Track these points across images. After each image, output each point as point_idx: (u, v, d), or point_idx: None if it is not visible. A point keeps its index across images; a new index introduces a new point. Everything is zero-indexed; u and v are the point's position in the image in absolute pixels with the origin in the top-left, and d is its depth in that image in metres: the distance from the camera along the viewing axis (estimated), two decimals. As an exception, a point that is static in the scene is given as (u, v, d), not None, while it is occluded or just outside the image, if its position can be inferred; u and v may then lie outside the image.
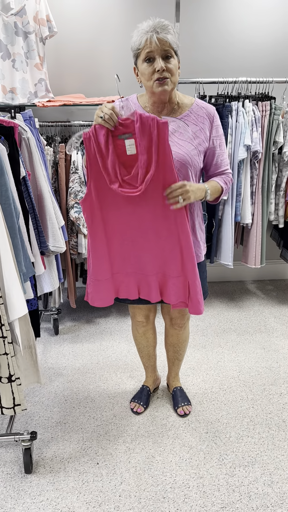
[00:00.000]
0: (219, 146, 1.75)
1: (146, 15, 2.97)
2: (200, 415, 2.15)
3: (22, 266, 1.67)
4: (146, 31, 1.54)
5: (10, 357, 1.55)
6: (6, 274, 1.50)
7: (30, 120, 2.34)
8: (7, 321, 1.53)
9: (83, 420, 2.12)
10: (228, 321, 3.04)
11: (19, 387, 1.59)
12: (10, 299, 1.51)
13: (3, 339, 1.53)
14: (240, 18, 3.08)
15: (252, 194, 2.88)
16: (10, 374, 1.56)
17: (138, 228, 1.66)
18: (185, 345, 2.15)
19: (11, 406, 1.60)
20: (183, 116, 1.69)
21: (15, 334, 1.59)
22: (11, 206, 1.58)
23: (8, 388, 1.58)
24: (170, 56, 1.56)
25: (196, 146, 1.68)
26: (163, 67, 1.55)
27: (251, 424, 2.08)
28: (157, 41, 1.53)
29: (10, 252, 1.51)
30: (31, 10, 2.68)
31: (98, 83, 3.10)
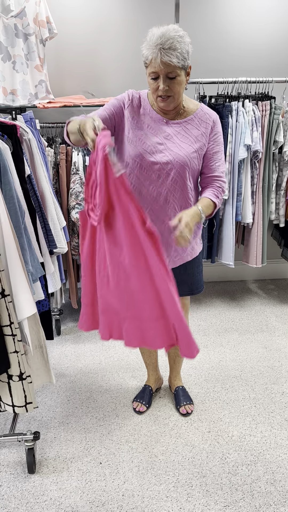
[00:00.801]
0: (217, 152, 1.76)
1: (146, 16, 2.99)
2: (203, 414, 2.15)
3: (29, 266, 1.67)
4: (154, 45, 1.51)
5: (20, 355, 1.55)
6: (13, 273, 1.50)
7: (31, 122, 2.35)
8: (16, 320, 1.53)
9: (85, 420, 2.13)
10: (229, 320, 3.04)
11: (30, 385, 1.60)
12: (17, 299, 1.52)
13: (12, 337, 1.53)
14: (240, 18, 3.09)
15: (253, 193, 2.89)
16: (21, 372, 1.56)
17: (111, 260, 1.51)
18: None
19: (23, 404, 1.60)
20: (187, 120, 1.73)
21: (24, 334, 1.59)
22: (15, 205, 1.58)
23: (19, 386, 1.58)
24: (174, 76, 1.56)
25: (196, 150, 1.71)
26: (165, 88, 1.57)
27: (254, 423, 2.08)
28: (160, 64, 1.52)
29: (17, 252, 1.51)
30: (31, 12, 2.69)
31: (98, 84, 3.11)
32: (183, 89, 1.64)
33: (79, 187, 2.65)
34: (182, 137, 1.70)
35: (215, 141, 1.76)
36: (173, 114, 1.72)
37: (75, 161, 2.66)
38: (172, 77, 1.56)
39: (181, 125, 1.72)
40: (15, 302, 1.50)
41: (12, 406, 1.60)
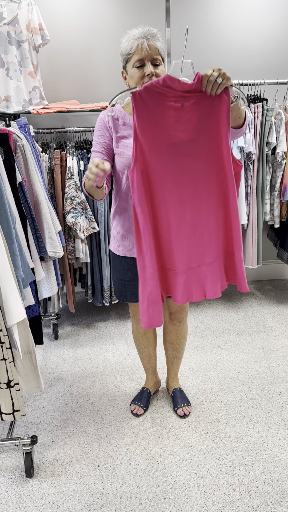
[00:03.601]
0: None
1: (138, 22, 3.02)
2: (200, 415, 2.16)
3: (20, 271, 1.68)
4: (137, 37, 1.60)
5: (9, 363, 1.56)
6: (2, 279, 1.52)
7: (25, 128, 2.36)
8: (5, 327, 1.55)
9: (83, 423, 2.13)
10: (226, 321, 3.06)
11: (18, 393, 1.61)
12: (7, 304, 1.53)
13: (1, 344, 1.55)
14: (230, 21, 3.12)
15: (247, 195, 2.90)
16: (8, 379, 1.57)
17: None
18: (184, 342, 2.17)
19: (11, 412, 1.61)
20: None
21: (14, 339, 1.60)
22: (7, 212, 1.60)
23: (7, 394, 1.59)
24: (159, 63, 1.63)
25: None
26: (153, 72, 1.61)
27: (251, 424, 2.09)
28: (147, 47, 1.58)
29: (7, 258, 1.53)
30: (23, 19, 2.71)
31: (91, 89, 3.13)
32: None
33: (74, 191, 2.67)
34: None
35: None
36: None
37: (70, 166, 2.68)
38: (157, 64, 1.62)
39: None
40: (5, 307, 1.51)
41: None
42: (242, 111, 1.58)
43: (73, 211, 2.67)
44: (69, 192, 2.67)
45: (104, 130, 1.77)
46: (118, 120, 1.75)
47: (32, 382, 1.79)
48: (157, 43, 1.60)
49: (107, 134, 1.77)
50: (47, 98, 2.96)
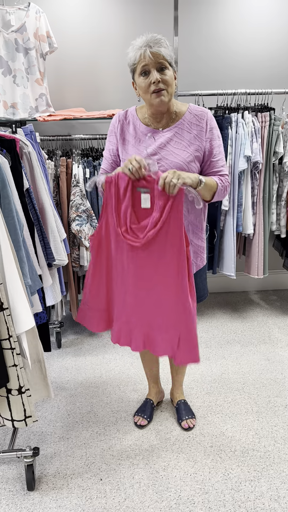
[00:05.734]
0: (216, 147, 1.74)
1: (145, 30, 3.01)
2: (205, 428, 2.12)
3: (28, 279, 1.66)
4: (140, 46, 1.60)
5: (19, 369, 1.53)
6: (11, 287, 1.49)
7: (31, 135, 2.35)
8: (14, 333, 1.52)
9: (86, 435, 2.10)
10: (231, 332, 3.02)
11: (30, 399, 1.58)
12: (15, 312, 1.51)
13: (11, 350, 1.52)
14: (238, 30, 3.12)
15: (254, 204, 2.88)
16: (20, 385, 1.54)
17: (136, 277, 1.70)
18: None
19: (23, 418, 1.58)
20: (177, 125, 1.73)
21: (22, 348, 1.58)
22: (14, 219, 1.58)
23: (18, 400, 1.56)
24: (165, 67, 1.61)
25: (191, 153, 1.71)
26: (158, 79, 1.60)
27: (256, 438, 2.05)
28: (150, 54, 1.58)
29: (15, 265, 1.51)
30: (31, 27, 2.72)
31: (98, 97, 3.13)
32: (174, 88, 1.66)
33: (79, 199, 2.65)
34: (175, 143, 1.71)
35: (210, 138, 1.73)
36: (164, 121, 1.74)
37: (75, 173, 2.67)
38: (163, 68, 1.60)
39: (172, 131, 1.72)
40: (14, 315, 1.49)
41: (11, 421, 1.58)
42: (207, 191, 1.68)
43: (78, 218, 2.65)
44: (75, 200, 2.65)
45: (112, 135, 1.81)
46: (129, 124, 1.78)
47: (41, 391, 1.76)
48: (161, 49, 1.58)
49: (114, 140, 1.80)
50: (53, 106, 2.96)
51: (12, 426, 1.58)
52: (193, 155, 1.71)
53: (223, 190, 1.75)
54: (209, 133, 1.73)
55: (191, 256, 1.70)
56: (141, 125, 1.75)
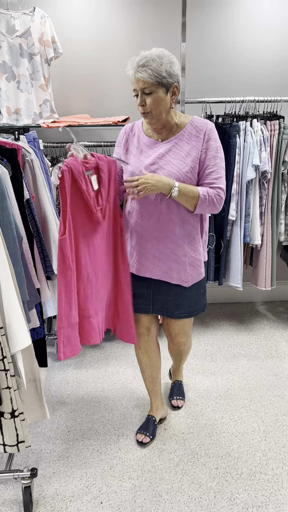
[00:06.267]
0: (210, 158, 1.76)
1: (152, 35, 2.97)
2: (210, 448, 2.04)
3: (25, 294, 1.60)
4: (131, 67, 1.67)
5: (13, 391, 1.46)
6: (7, 303, 1.43)
7: (34, 142, 2.30)
8: (9, 353, 1.45)
9: (86, 453, 2.02)
10: (237, 345, 2.94)
11: (23, 423, 1.51)
12: (11, 330, 1.44)
13: (5, 372, 1.45)
14: (247, 36, 3.06)
15: (261, 214, 2.81)
16: (13, 409, 1.47)
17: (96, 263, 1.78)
18: (187, 353, 2.27)
19: (15, 444, 1.51)
20: (178, 136, 1.79)
21: (17, 367, 1.51)
22: (13, 232, 1.52)
23: (11, 424, 1.49)
24: (149, 92, 1.66)
25: (188, 164, 1.75)
26: (141, 103, 1.69)
27: (264, 459, 1.97)
28: (134, 81, 1.67)
29: (11, 281, 1.44)
30: (36, 32, 2.67)
31: (103, 103, 3.07)
32: (165, 107, 1.71)
33: (83, 207, 2.58)
34: (173, 154, 1.76)
35: (206, 149, 1.76)
36: (165, 133, 1.80)
37: (79, 181, 2.60)
38: (147, 93, 1.67)
39: (172, 142, 1.78)
40: (9, 334, 1.42)
41: (3, 445, 1.51)
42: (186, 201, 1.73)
43: (82, 227, 2.58)
44: (78, 208, 2.59)
45: (118, 146, 1.91)
46: (134, 136, 1.87)
47: (37, 411, 1.69)
48: (143, 75, 1.63)
49: (119, 151, 1.90)
50: (58, 112, 2.90)
51: (4, 451, 1.51)
52: (189, 165, 1.75)
53: (208, 201, 1.74)
54: (206, 144, 1.76)
55: (124, 228, 1.84)
56: (144, 137, 1.84)
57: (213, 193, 1.74)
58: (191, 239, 1.84)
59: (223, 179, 1.78)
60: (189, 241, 1.84)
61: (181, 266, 1.85)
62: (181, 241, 1.82)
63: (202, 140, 1.75)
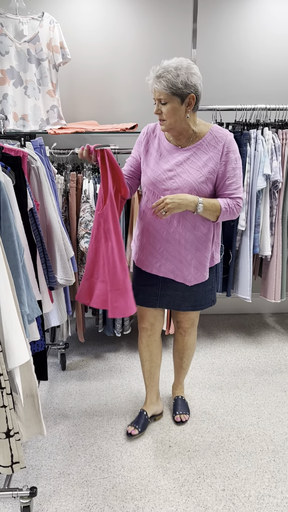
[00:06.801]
0: (230, 170, 1.82)
1: (162, 42, 2.92)
2: (216, 468, 1.96)
3: (26, 307, 1.54)
4: (150, 77, 1.74)
5: (9, 410, 1.40)
6: (6, 318, 1.37)
7: (41, 148, 2.25)
8: (6, 370, 1.39)
9: (88, 471, 1.95)
10: (245, 358, 2.86)
11: (18, 443, 1.44)
12: (9, 345, 1.38)
13: (1, 390, 1.39)
14: (259, 43, 3.00)
15: (272, 225, 2.74)
16: (8, 428, 1.41)
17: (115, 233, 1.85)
18: (190, 354, 2.24)
19: (9, 464, 1.45)
20: (197, 145, 1.83)
21: (15, 383, 1.45)
22: (14, 243, 1.46)
23: (5, 444, 1.43)
24: (164, 102, 1.73)
25: (204, 174, 1.80)
26: (157, 111, 1.76)
27: (273, 481, 1.88)
28: (152, 90, 1.75)
29: (11, 294, 1.39)
30: (44, 37, 2.63)
31: (111, 109, 3.03)
32: (180, 116, 1.75)
33: (89, 215, 2.54)
34: (191, 163, 1.81)
35: (226, 161, 1.81)
36: (183, 140, 1.84)
37: (86, 189, 2.55)
38: (163, 103, 1.73)
39: (191, 151, 1.83)
40: (7, 349, 1.36)
41: (-2, 466, 1.45)
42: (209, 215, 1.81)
43: (87, 236, 2.53)
44: (84, 216, 2.54)
45: (138, 144, 1.96)
46: (155, 138, 1.91)
47: (33, 428, 1.63)
48: (158, 86, 1.69)
49: (139, 148, 1.95)
50: (65, 118, 2.86)
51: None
52: (205, 176, 1.80)
53: (228, 212, 1.83)
54: (225, 157, 1.81)
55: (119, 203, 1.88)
56: (165, 141, 1.89)
57: (233, 203, 1.83)
58: (199, 245, 1.90)
59: (241, 188, 1.87)
60: (197, 247, 1.90)
61: (186, 268, 1.92)
62: (190, 245, 1.89)
63: (221, 152, 1.80)
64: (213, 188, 1.85)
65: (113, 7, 2.88)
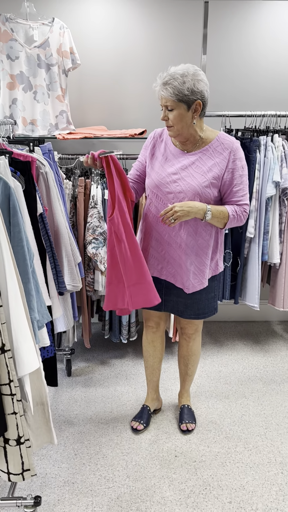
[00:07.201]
0: (237, 177, 1.83)
1: (172, 47, 2.92)
2: (223, 479, 1.93)
3: (35, 313, 1.53)
4: (157, 84, 1.76)
5: (19, 417, 1.38)
6: (15, 325, 1.36)
7: (49, 153, 2.25)
8: (16, 377, 1.37)
9: (93, 480, 1.93)
10: (253, 367, 2.82)
11: (28, 450, 1.42)
12: (18, 353, 1.37)
13: (11, 396, 1.37)
14: (268, 50, 2.99)
15: (281, 232, 2.71)
16: (18, 435, 1.39)
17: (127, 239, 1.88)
18: (195, 360, 2.23)
19: (20, 472, 1.42)
20: (202, 150, 1.85)
21: (24, 390, 1.43)
22: (24, 249, 1.45)
23: (16, 452, 1.41)
24: (171, 109, 1.75)
25: (208, 179, 1.81)
26: (164, 118, 1.79)
27: (280, 494, 1.85)
28: (159, 97, 1.78)
29: (21, 300, 1.37)
30: (54, 42, 2.64)
31: (120, 115, 3.02)
32: (186, 122, 1.77)
33: (96, 221, 2.52)
34: (196, 167, 1.83)
35: (233, 169, 1.82)
36: (190, 145, 1.86)
37: (94, 194, 2.54)
38: (170, 109, 1.75)
39: (196, 156, 1.84)
40: (17, 356, 1.35)
41: (7, 474, 1.43)
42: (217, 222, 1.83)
43: (95, 241, 2.52)
44: (92, 222, 2.53)
45: (145, 148, 1.99)
46: (161, 142, 1.94)
47: (44, 436, 1.61)
48: (164, 92, 1.72)
49: (145, 153, 1.98)
50: (74, 123, 2.86)
51: (8, 479, 1.42)
52: (209, 181, 1.81)
53: (236, 219, 1.85)
54: (232, 164, 1.82)
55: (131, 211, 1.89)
56: (171, 146, 1.91)
57: (240, 210, 1.85)
58: (199, 251, 1.91)
59: (248, 195, 1.88)
60: (197, 252, 1.91)
61: (185, 273, 1.93)
62: (190, 250, 1.90)
63: (227, 159, 1.82)
64: (217, 193, 1.86)
65: (124, 12, 2.89)
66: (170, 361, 2.87)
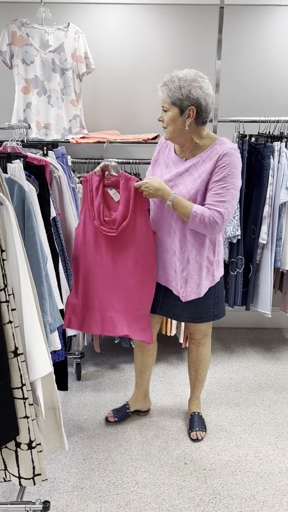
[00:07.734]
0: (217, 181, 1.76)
1: (186, 53, 2.92)
2: (233, 489, 1.90)
3: (48, 316, 1.53)
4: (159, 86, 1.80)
5: (31, 421, 1.38)
6: (28, 328, 1.35)
7: (63, 158, 2.26)
8: (28, 381, 1.37)
9: (102, 486, 1.92)
10: (264, 374, 2.79)
11: (40, 454, 1.42)
12: (31, 356, 1.36)
13: (23, 400, 1.36)
14: (283, 55, 2.97)
15: (294, 239, 2.68)
16: (30, 440, 1.38)
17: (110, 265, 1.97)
18: (205, 365, 2.22)
19: (31, 476, 1.42)
20: (197, 157, 1.84)
21: (36, 394, 1.43)
22: (38, 252, 1.45)
23: (27, 456, 1.40)
24: (166, 110, 1.78)
25: (196, 186, 1.80)
26: (160, 118, 1.83)
27: (292, 505, 1.82)
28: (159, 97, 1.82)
29: (34, 304, 1.37)
30: (69, 47, 2.65)
31: (133, 120, 3.03)
32: (178, 126, 1.77)
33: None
34: (189, 175, 1.83)
35: (216, 173, 1.77)
36: (187, 152, 1.86)
37: (106, 198, 2.54)
38: (165, 110, 1.79)
39: (191, 163, 1.84)
40: (29, 360, 1.34)
41: (18, 478, 1.42)
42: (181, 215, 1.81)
43: (106, 246, 2.52)
44: (104, 226, 2.52)
45: (154, 153, 2.02)
46: (166, 148, 1.97)
47: (55, 441, 1.61)
48: (160, 93, 1.77)
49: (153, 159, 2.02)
50: (87, 127, 2.86)
51: (19, 484, 1.42)
52: (197, 188, 1.80)
53: (200, 221, 1.75)
54: (217, 169, 1.77)
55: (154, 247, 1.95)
56: (172, 153, 1.93)
57: (209, 214, 1.75)
58: (191, 259, 1.90)
59: (226, 204, 1.75)
60: (188, 260, 1.90)
61: (179, 279, 1.93)
62: (182, 257, 1.91)
63: (215, 163, 1.77)
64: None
65: (138, 18, 2.90)
66: (180, 367, 2.85)
